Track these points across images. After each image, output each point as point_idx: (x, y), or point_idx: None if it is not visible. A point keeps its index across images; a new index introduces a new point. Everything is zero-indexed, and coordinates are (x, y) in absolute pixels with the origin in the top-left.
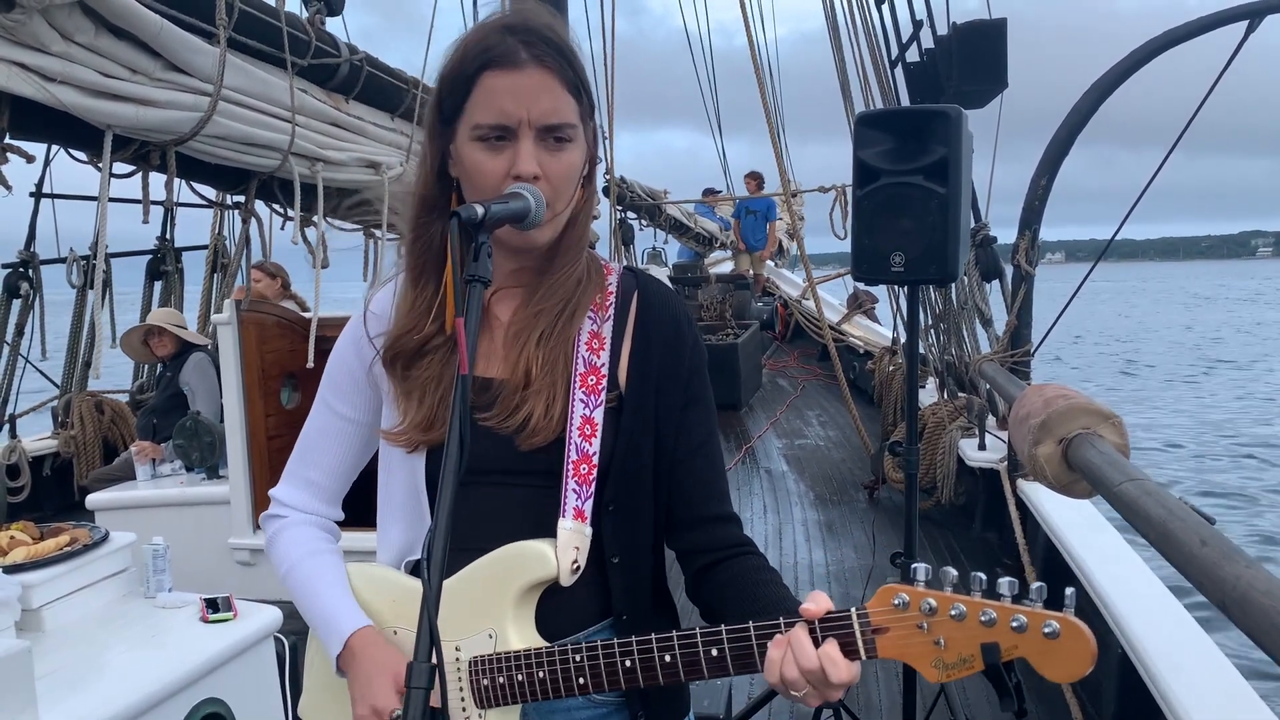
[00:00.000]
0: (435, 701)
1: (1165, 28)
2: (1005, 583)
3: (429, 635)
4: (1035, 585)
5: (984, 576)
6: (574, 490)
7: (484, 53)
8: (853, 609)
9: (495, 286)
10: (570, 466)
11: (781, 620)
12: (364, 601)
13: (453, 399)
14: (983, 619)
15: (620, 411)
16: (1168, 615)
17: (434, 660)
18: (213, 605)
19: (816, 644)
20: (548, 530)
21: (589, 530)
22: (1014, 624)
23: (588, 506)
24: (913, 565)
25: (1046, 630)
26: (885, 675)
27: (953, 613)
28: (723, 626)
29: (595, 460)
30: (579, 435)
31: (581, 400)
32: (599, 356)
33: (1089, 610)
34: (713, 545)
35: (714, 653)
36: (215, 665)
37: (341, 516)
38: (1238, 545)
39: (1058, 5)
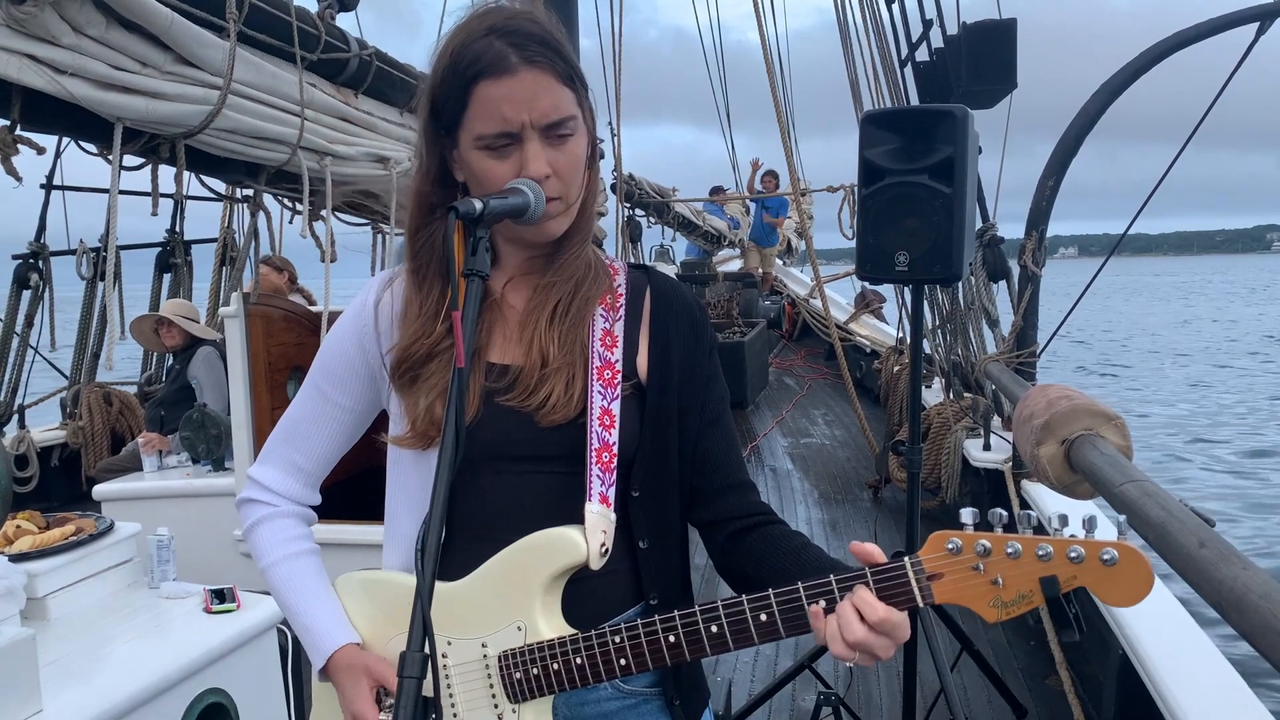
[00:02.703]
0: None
1: (1158, 25)
2: (1055, 517)
3: (421, 625)
4: (1085, 516)
5: (1032, 513)
6: (598, 477)
7: (474, 63)
8: (906, 558)
9: (508, 276)
10: (593, 454)
11: (833, 578)
12: (368, 611)
13: (449, 393)
14: (1039, 554)
15: (638, 401)
16: (1168, 617)
17: (427, 650)
18: (217, 596)
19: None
20: (572, 518)
21: (614, 515)
22: (1071, 555)
23: (611, 493)
24: (960, 510)
25: (1105, 557)
26: (886, 674)
27: (1008, 551)
28: (770, 591)
29: (615, 450)
30: (599, 425)
31: (599, 393)
32: (613, 353)
33: (1091, 612)
34: (738, 512)
35: (763, 618)
36: (218, 656)
37: (319, 500)
38: (1236, 547)
39: (1050, 3)
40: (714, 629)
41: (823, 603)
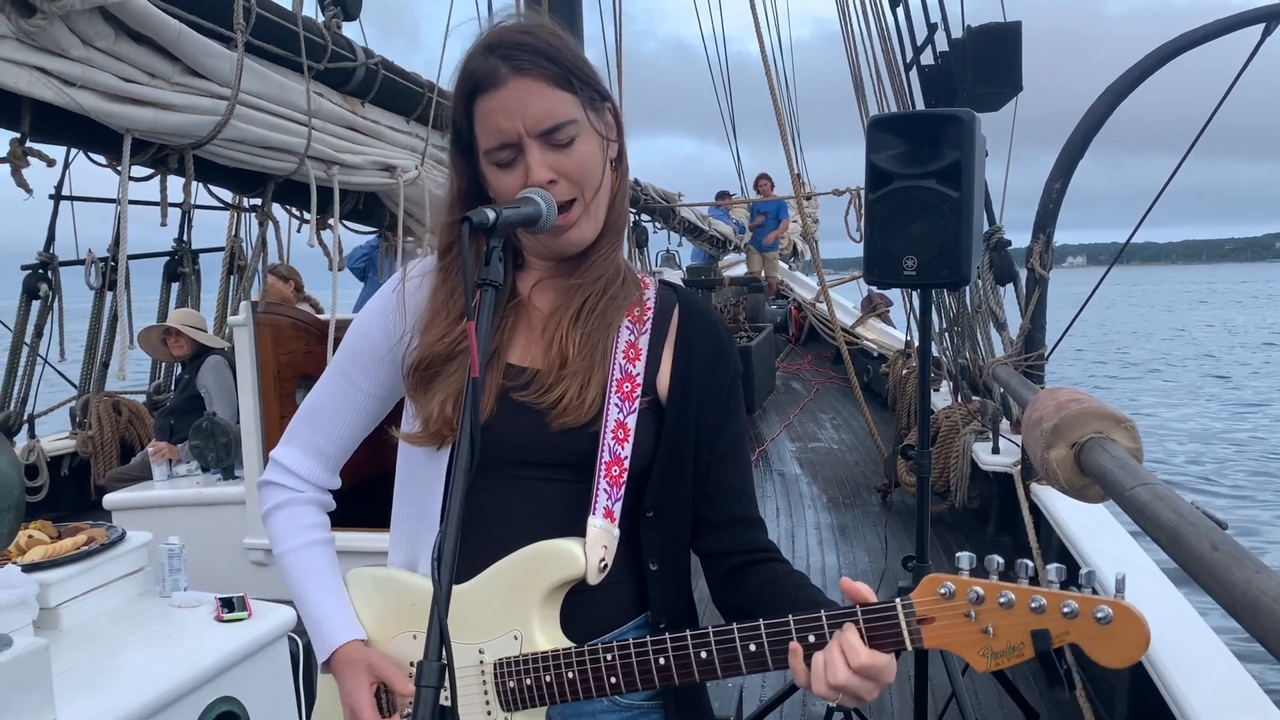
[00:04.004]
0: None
1: (1154, 30)
2: (1054, 569)
3: (439, 634)
4: (1084, 571)
5: (1030, 563)
6: (605, 490)
7: (469, 79)
8: (897, 600)
9: (536, 278)
10: (602, 466)
11: (823, 613)
12: (376, 607)
13: (464, 402)
14: (1032, 606)
15: (655, 417)
16: (1180, 619)
17: (444, 659)
18: (228, 604)
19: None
20: (576, 529)
21: (617, 531)
22: (1065, 610)
23: (616, 508)
24: (957, 554)
25: (1099, 615)
26: (898, 680)
27: (1001, 600)
28: (760, 621)
29: (626, 464)
30: (611, 438)
31: (616, 405)
32: (635, 366)
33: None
34: (742, 548)
35: (751, 648)
36: (230, 664)
37: (339, 484)
38: (1249, 550)
39: (1044, 7)
40: (703, 655)
41: (811, 638)
